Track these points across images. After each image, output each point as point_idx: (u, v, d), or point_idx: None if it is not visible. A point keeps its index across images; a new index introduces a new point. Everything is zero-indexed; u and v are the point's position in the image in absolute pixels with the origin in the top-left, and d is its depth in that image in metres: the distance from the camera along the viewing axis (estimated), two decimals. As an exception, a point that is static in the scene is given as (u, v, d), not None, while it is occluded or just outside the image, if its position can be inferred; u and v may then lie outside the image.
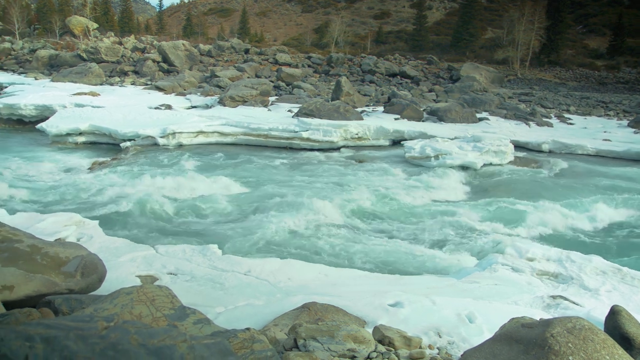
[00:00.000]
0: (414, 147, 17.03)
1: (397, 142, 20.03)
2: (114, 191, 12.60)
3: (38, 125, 19.46)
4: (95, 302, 3.60)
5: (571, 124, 25.53)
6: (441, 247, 10.00)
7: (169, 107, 24.29)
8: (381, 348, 4.01)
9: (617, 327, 3.69)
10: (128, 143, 18.09)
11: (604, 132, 22.98)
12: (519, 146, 19.06)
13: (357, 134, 19.93)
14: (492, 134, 19.10)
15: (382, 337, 4.25)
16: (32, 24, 61.81)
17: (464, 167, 15.94)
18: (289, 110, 23.32)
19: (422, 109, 24.89)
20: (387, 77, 43.44)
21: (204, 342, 2.53)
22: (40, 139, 19.79)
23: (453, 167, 15.73)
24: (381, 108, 25.64)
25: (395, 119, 22.50)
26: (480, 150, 16.65)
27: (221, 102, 24.77)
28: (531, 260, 7.78)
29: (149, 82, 34.95)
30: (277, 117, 21.56)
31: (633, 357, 3.37)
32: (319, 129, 19.42)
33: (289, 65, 43.30)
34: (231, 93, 25.19)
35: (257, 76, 37.50)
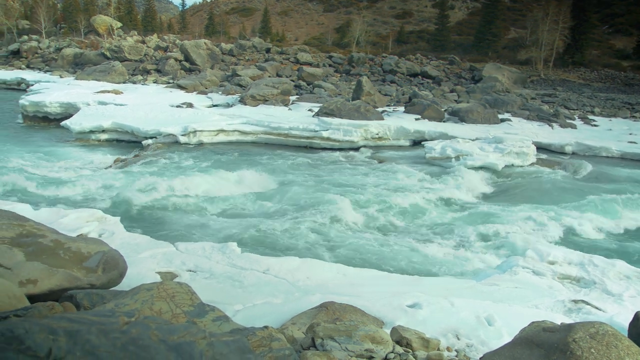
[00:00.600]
0: (435, 148, 16.90)
1: (417, 143, 19.90)
2: (136, 188, 12.74)
3: (62, 123, 19.85)
4: (116, 297, 3.65)
5: (595, 125, 25.08)
6: (461, 248, 9.92)
7: (190, 105, 24.52)
8: (399, 349, 3.99)
9: (641, 334, 3.61)
10: (150, 141, 18.31)
11: (630, 134, 22.55)
12: (541, 148, 18.75)
13: (377, 134, 19.87)
14: (514, 135, 18.81)
15: (400, 338, 4.23)
16: (58, 23, 62.87)
17: (485, 169, 15.76)
18: (310, 110, 23.32)
19: (443, 109, 24.70)
20: (408, 77, 43.12)
21: (223, 339, 2.55)
22: (65, 136, 20.18)
23: (474, 168, 15.56)
24: (402, 108, 25.50)
25: (416, 119, 22.36)
26: (501, 152, 16.45)
27: (242, 100, 24.90)
28: (552, 263, 7.65)
29: (171, 81, 35.32)
30: (297, 117, 21.60)
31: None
32: (340, 128, 19.40)
33: (310, 64, 43.26)
34: (252, 92, 25.30)
35: (278, 75, 37.55)
